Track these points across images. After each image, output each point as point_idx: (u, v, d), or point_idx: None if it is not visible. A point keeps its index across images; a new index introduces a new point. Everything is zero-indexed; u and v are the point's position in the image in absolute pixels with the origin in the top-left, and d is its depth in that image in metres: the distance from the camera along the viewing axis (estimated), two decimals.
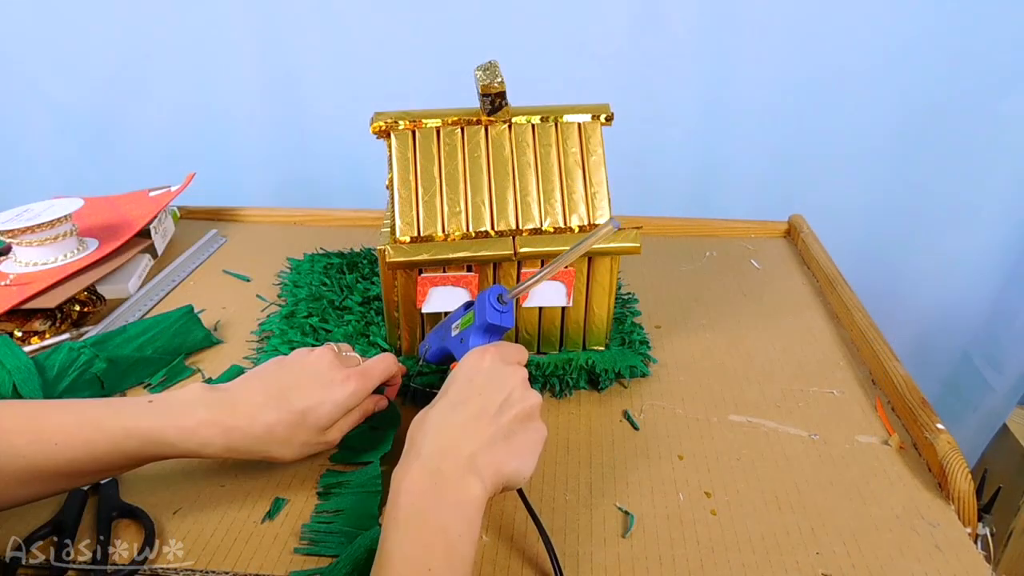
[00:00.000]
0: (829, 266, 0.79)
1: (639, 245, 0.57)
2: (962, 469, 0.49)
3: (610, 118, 0.60)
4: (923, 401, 0.56)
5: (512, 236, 0.57)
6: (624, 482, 0.51)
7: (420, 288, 0.58)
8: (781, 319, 0.71)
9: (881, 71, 0.99)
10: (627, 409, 0.58)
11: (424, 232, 0.57)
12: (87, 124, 1.15)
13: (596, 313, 0.61)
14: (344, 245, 0.84)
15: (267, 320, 0.69)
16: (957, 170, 1.04)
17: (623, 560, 0.44)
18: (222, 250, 0.87)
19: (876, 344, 0.64)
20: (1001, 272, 1.10)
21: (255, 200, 1.08)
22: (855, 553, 0.45)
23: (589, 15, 1.00)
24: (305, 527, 0.46)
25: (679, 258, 0.85)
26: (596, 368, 0.60)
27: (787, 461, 0.53)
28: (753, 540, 0.46)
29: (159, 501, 0.48)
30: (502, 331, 0.51)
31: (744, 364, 0.64)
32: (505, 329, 0.51)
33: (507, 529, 0.46)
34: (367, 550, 0.41)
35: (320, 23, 1.04)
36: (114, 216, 0.83)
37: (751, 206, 1.06)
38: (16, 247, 0.73)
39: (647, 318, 0.71)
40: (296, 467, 0.51)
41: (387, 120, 0.58)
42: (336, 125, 1.11)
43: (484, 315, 0.50)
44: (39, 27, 1.07)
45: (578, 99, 0.62)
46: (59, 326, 0.67)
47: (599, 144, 0.60)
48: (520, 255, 0.56)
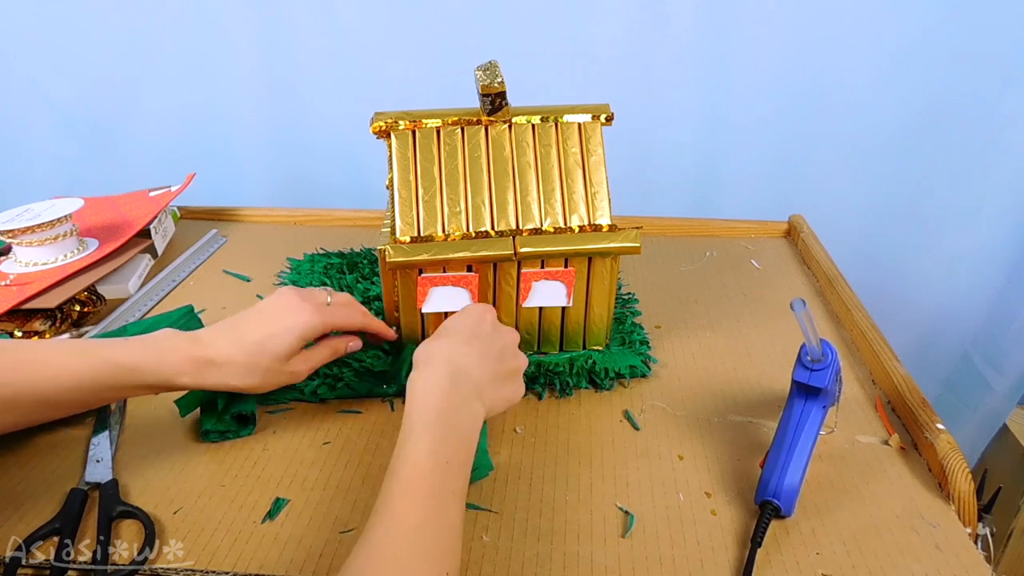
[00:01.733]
0: (829, 266, 0.79)
1: (639, 245, 0.57)
2: (962, 469, 0.49)
3: (610, 118, 0.60)
4: (923, 401, 0.56)
5: (512, 236, 0.57)
6: (624, 482, 0.51)
7: (420, 288, 0.58)
8: (781, 319, 0.71)
9: (881, 71, 0.99)
10: (627, 409, 0.58)
11: (424, 232, 0.57)
12: (87, 124, 1.15)
13: (596, 313, 0.61)
14: (344, 245, 0.84)
15: None
16: (957, 170, 1.04)
17: (623, 560, 0.44)
18: (222, 250, 0.87)
19: (876, 344, 0.64)
20: (1001, 272, 1.09)
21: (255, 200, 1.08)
22: (855, 553, 0.45)
23: (589, 15, 1.00)
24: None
25: (679, 258, 0.85)
26: (596, 368, 0.60)
27: None
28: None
29: (159, 501, 0.48)
30: (817, 393, 0.48)
31: (744, 364, 0.64)
32: (817, 390, 0.47)
33: (507, 529, 0.46)
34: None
35: (320, 23, 1.04)
36: (114, 216, 0.84)
37: (751, 206, 1.06)
38: (16, 247, 0.73)
39: (647, 318, 0.71)
40: (296, 467, 0.51)
41: (387, 120, 0.58)
42: (336, 125, 1.11)
43: (794, 371, 0.48)
44: (39, 27, 1.07)
45: (578, 99, 0.62)
46: (59, 326, 0.67)
47: (599, 144, 0.60)
48: (520, 255, 0.56)
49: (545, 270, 0.58)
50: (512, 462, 0.52)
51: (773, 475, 0.47)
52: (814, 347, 0.47)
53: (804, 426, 0.48)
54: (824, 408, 0.50)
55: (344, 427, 0.56)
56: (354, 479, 0.50)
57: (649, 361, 0.63)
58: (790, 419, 0.49)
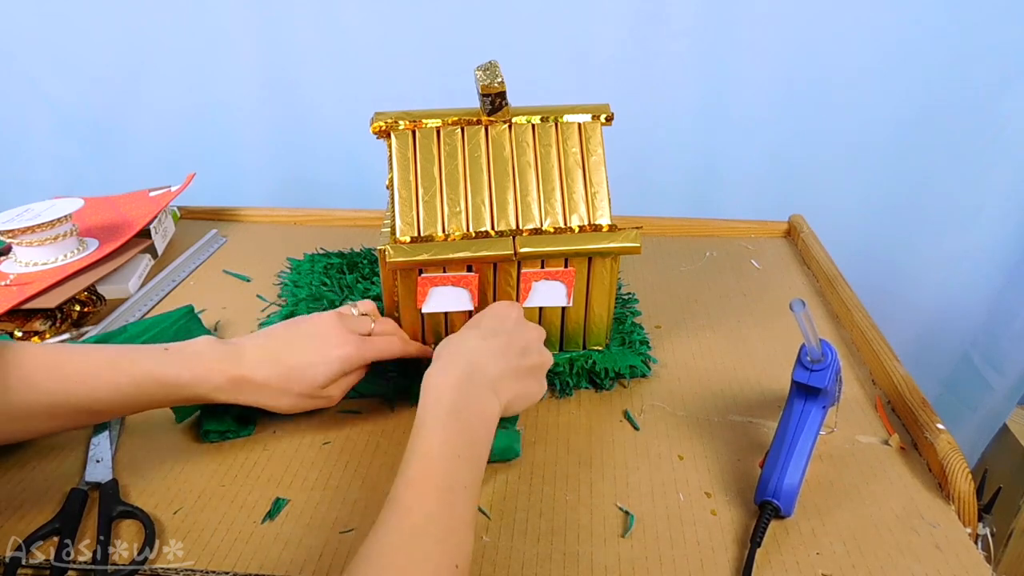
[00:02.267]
0: (829, 266, 0.79)
1: (639, 245, 0.57)
2: (962, 469, 0.49)
3: (610, 118, 0.60)
4: (923, 401, 0.56)
5: (512, 236, 0.57)
6: (624, 482, 0.51)
7: (420, 288, 0.58)
8: (781, 319, 0.71)
9: (881, 71, 0.99)
10: (627, 409, 0.58)
11: (424, 232, 0.57)
12: (87, 124, 1.15)
13: (596, 313, 0.61)
14: (344, 245, 0.84)
15: (267, 320, 0.69)
16: (957, 170, 1.04)
17: (623, 560, 0.44)
18: (222, 250, 0.87)
19: (876, 344, 0.64)
20: (1001, 272, 1.09)
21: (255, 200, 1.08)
22: (855, 553, 0.45)
23: (589, 15, 1.00)
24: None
25: (679, 258, 0.85)
26: (596, 368, 0.60)
27: None
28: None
29: (159, 501, 0.48)
30: (816, 393, 0.48)
31: (744, 364, 0.64)
32: (817, 390, 0.48)
33: (507, 529, 0.46)
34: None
35: (320, 23, 1.04)
36: (114, 216, 0.84)
37: (751, 206, 1.06)
38: (16, 247, 0.73)
39: (647, 318, 0.71)
40: (296, 467, 0.51)
41: (387, 120, 0.58)
42: (336, 125, 1.11)
43: (793, 371, 0.48)
44: (39, 27, 1.07)
45: (578, 99, 0.62)
46: (59, 326, 0.67)
47: (599, 144, 0.60)
48: (520, 255, 0.56)
49: (545, 270, 0.58)
50: (512, 462, 0.52)
51: (773, 475, 0.46)
52: (813, 347, 0.47)
53: (804, 426, 0.48)
54: (824, 408, 0.50)
55: (344, 427, 0.56)
56: (354, 479, 0.50)
57: (649, 361, 0.63)
58: (790, 419, 0.49)
